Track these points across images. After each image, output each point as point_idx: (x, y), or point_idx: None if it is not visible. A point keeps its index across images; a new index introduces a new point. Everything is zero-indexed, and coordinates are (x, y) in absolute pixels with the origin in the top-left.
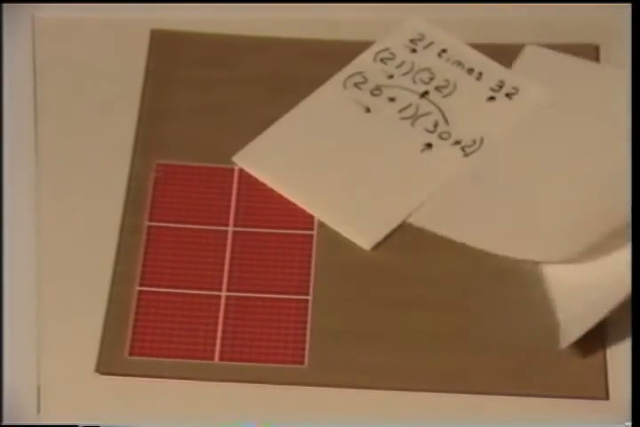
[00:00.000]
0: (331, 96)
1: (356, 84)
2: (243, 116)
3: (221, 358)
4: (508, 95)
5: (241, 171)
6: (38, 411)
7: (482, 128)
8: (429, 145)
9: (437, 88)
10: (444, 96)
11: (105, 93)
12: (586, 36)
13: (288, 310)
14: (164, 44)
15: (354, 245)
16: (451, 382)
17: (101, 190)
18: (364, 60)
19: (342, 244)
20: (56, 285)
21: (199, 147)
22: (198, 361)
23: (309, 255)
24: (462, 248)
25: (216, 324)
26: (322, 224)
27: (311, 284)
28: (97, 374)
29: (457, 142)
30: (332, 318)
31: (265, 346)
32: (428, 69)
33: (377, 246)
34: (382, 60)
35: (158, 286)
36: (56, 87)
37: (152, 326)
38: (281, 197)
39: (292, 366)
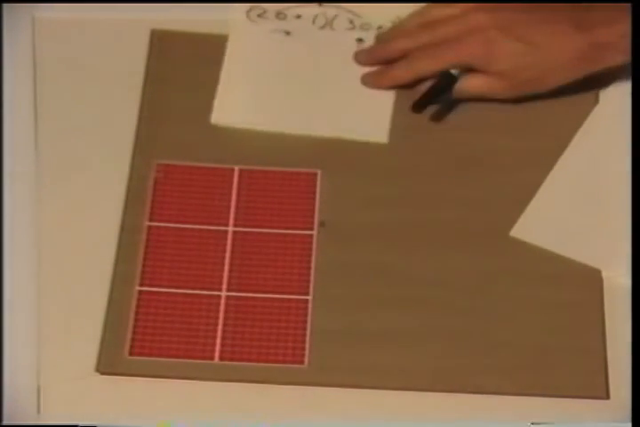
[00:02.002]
0: (246, 35)
1: (259, 16)
2: None
3: (221, 358)
4: None
5: (241, 171)
6: (38, 411)
7: (390, 8)
8: (360, 40)
9: None
10: None
11: (105, 93)
12: None
13: (288, 310)
14: (163, 44)
15: (354, 244)
16: (451, 382)
17: (101, 190)
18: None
19: (342, 244)
20: (56, 285)
21: (199, 147)
22: (198, 361)
23: (309, 255)
24: (462, 248)
25: (216, 324)
26: (322, 224)
27: (311, 284)
28: (97, 374)
29: (380, 27)
30: (332, 318)
31: (265, 346)
32: None
33: (377, 247)
34: None
35: (158, 286)
36: (56, 87)
37: (152, 326)
38: (281, 196)
39: (292, 366)
